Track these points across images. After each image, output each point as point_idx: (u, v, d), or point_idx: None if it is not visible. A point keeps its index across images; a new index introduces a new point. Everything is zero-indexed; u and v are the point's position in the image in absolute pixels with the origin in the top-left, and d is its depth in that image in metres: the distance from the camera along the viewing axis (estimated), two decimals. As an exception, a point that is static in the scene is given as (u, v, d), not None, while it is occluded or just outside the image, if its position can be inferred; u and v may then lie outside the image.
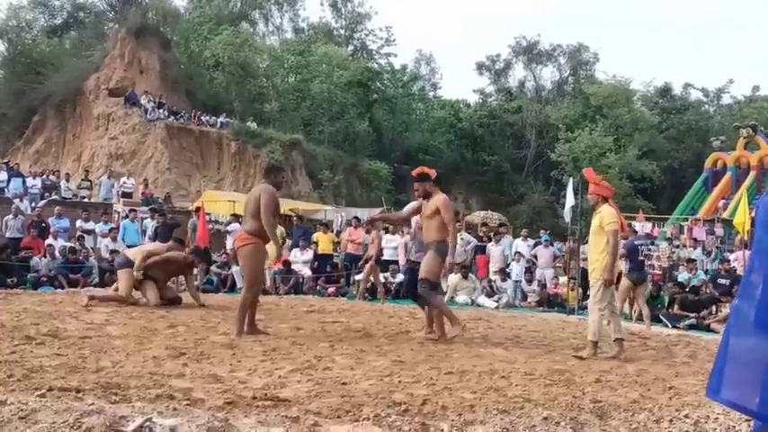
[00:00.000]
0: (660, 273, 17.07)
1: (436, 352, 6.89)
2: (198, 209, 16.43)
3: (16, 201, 18.04)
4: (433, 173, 8.10)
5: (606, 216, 7.36)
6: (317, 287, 14.86)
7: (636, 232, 16.80)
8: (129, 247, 15.11)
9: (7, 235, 15.42)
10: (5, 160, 26.87)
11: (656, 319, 12.28)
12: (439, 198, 7.74)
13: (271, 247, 7.84)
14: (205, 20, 42.28)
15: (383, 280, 14.93)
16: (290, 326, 8.32)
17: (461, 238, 16.33)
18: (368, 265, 13.78)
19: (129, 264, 10.14)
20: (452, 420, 3.92)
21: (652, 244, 19.90)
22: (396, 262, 15.76)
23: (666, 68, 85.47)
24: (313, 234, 17.13)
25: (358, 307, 11.87)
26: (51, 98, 36.15)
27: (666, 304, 12.96)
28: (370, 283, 14.12)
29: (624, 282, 12.46)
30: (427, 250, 7.76)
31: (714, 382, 2.69)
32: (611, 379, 5.75)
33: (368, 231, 15.16)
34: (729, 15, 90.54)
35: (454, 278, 14.76)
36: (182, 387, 4.58)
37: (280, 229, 15.39)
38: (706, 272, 16.19)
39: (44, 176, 23.59)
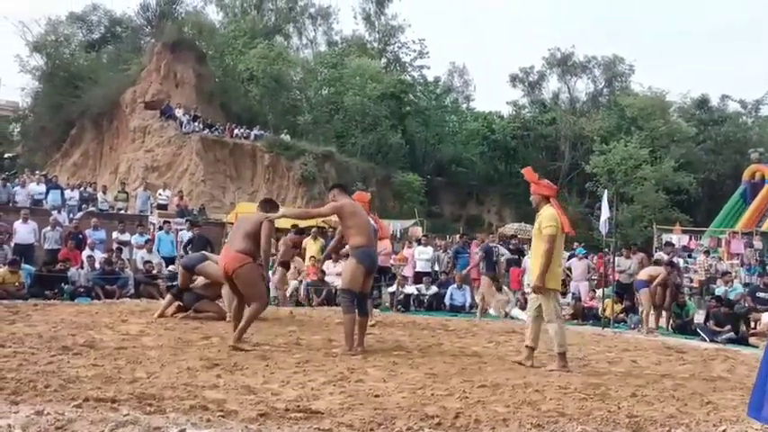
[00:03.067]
0: (697, 285, 16.85)
1: (469, 365, 6.85)
2: None
3: (54, 213, 18.31)
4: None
5: (544, 219, 7.10)
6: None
7: (672, 245, 16.59)
8: (163, 258, 15.36)
9: (45, 247, 15.63)
10: (44, 173, 27.33)
11: (692, 333, 12.12)
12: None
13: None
14: (240, 34, 42.80)
15: (416, 292, 14.89)
16: (322, 338, 8.32)
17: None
18: (279, 271, 13.61)
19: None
20: (486, 434, 3.89)
21: (689, 256, 19.65)
22: (429, 273, 15.71)
23: (703, 80, 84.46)
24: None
25: (390, 318, 11.85)
26: (89, 111, 36.80)
27: (704, 318, 12.77)
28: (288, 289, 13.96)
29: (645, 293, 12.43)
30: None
31: (756, 400, 2.63)
32: (648, 393, 5.67)
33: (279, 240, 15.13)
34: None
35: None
36: (215, 398, 4.60)
37: (320, 242, 15.46)
38: (746, 285, 15.93)
39: (82, 188, 23.92)
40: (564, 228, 7.15)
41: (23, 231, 15.44)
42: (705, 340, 11.41)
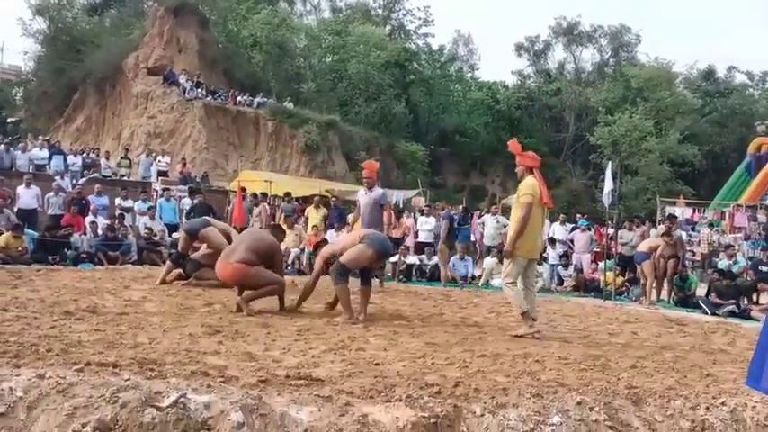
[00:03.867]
0: (699, 259, 16.84)
1: (470, 335, 6.87)
2: (244, 189, 16.52)
3: (57, 178, 18.31)
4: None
5: (522, 188, 7.26)
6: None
7: (675, 217, 16.56)
8: (166, 225, 15.38)
9: (49, 212, 15.66)
10: (47, 138, 27.27)
11: (694, 306, 12.15)
12: None
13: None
14: (243, -1, 42.36)
15: (418, 262, 14.92)
16: (324, 306, 8.35)
17: (497, 222, 16.26)
18: None
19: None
20: (485, 403, 3.90)
21: (692, 229, 19.62)
22: (431, 244, 15.72)
23: (710, 51, 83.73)
24: (349, 215, 17.16)
25: (392, 288, 11.89)
26: (91, 76, 36.57)
27: (706, 291, 12.78)
28: None
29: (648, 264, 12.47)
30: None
31: (755, 371, 2.63)
32: (647, 365, 5.69)
33: (256, 204, 15.25)
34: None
35: (490, 262, 14.68)
36: (216, 364, 4.62)
37: (322, 211, 15.49)
38: (750, 259, 15.92)
39: (84, 154, 23.90)
40: (543, 198, 7.21)
41: (26, 196, 15.47)
42: (706, 313, 11.44)
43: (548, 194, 7.33)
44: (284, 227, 13.37)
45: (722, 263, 14.99)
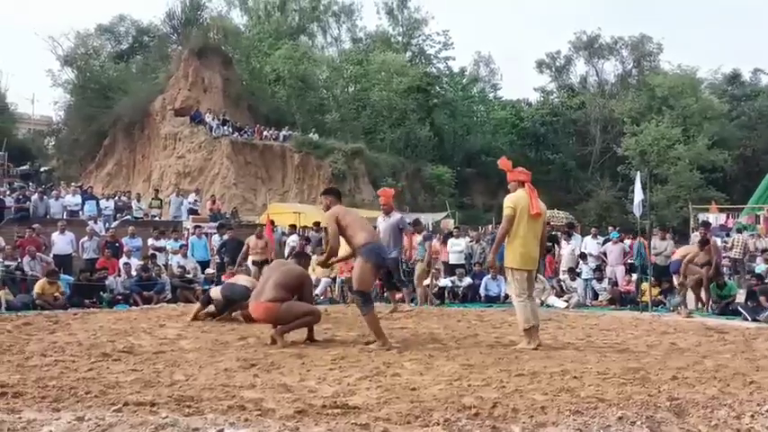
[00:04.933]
0: (731, 265, 16.58)
1: (506, 354, 6.81)
2: (273, 222, 16.65)
3: (91, 223, 18.57)
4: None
5: (504, 201, 7.45)
6: (384, 294, 14.79)
7: (709, 224, 16.33)
8: (198, 262, 15.49)
9: (84, 257, 15.85)
10: (79, 184, 27.73)
11: (733, 313, 11.93)
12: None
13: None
14: (265, 36, 43.05)
15: (450, 284, 14.85)
16: (357, 333, 8.33)
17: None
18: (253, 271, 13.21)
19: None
20: (524, 423, 3.87)
21: (727, 235, 19.33)
22: (462, 266, 15.65)
23: (735, 54, 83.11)
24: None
25: (425, 312, 11.84)
26: (120, 121, 37.32)
27: (745, 297, 12.54)
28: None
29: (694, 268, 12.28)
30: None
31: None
32: (689, 376, 5.58)
33: (259, 237, 14.58)
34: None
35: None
36: (253, 397, 4.63)
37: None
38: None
39: (116, 198, 24.24)
40: (532, 209, 7.30)
41: (61, 243, 15.73)
42: (746, 319, 11.22)
43: (538, 205, 7.39)
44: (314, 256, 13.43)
45: (759, 267, 14.73)
